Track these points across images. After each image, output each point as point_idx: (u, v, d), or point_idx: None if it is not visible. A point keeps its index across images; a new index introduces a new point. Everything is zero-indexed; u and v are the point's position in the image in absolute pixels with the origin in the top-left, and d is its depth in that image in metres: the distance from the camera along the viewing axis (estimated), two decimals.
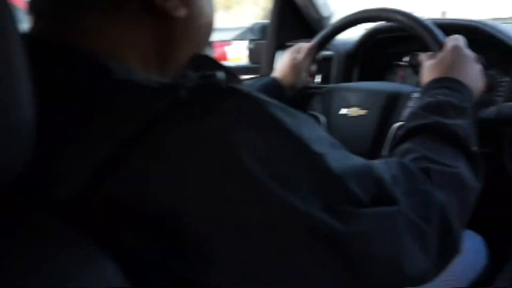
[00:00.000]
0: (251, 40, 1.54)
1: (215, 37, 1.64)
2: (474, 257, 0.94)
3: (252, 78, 1.49)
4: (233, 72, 0.50)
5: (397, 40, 1.26)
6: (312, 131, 0.45)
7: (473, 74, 0.77)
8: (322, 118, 1.02)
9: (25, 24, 0.43)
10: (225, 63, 1.69)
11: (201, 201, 0.37)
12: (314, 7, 1.35)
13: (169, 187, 0.37)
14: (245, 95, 0.41)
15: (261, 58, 1.47)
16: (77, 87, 0.41)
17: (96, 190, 0.36)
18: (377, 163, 0.52)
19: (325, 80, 1.31)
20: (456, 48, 0.79)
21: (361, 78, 1.30)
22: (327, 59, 1.31)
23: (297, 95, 1.05)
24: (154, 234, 0.37)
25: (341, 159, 0.45)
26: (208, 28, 0.54)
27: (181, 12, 0.48)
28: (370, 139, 0.93)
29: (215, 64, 0.49)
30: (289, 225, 0.39)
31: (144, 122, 0.37)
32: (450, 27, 0.95)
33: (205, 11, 0.52)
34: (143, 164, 0.37)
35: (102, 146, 0.37)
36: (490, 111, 0.89)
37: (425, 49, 0.88)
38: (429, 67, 0.80)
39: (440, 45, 0.83)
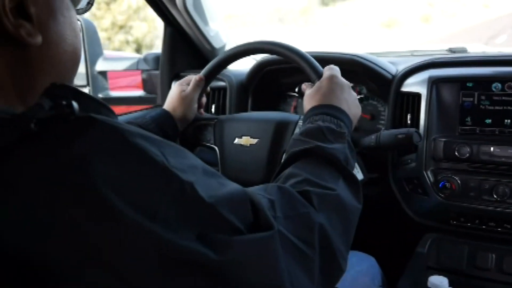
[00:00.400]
0: (144, 71, 1.50)
1: (107, 67, 1.58)
2: (369, 279, 0.97)
3: (146, 108, 1.45)
4: (101, 101, 0.48)
5: (288, 71, 1.31)
6: (182, 159, 0.43)
7: (350, 100, 0.81)
8: (216, 149, 1.00)
9: None
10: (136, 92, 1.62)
11: (60, 240, 0.34)
12: (205, 38, 1.35)
13: (24, 225, 0.34)
14: (104, 124, 0.39)
15: (156, 88, 1.43)
16: None
17: None
18: (254, 189, 0.53)
19: (220, 110, 1.31)
20: (332, 76, 0.83)
21: (255, 108, 1.32)
22: (221, 89, 1.31)
23: (189, 127, 1.03)
24: (13, 276, 0.34)
25: (214, 187, 0.44)
26: (72, 55, 0.51)
27: (37, 40, 0.44)
28: (264, 167, 0.94)
29: (77, 93, 0.46)
30: (160, 257, 0.37)
31: None
32: (330, 60, 0.99)
33: (66, 38, 0.49)
34: None
35: None
36: (371, 139, 0.94)
37: (310, 80, 0.92)
38: (309, 95, 0.83)
39: (318, 75, 0.87)
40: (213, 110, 1.31)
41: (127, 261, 0.36)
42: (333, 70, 0.85)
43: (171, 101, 1.01)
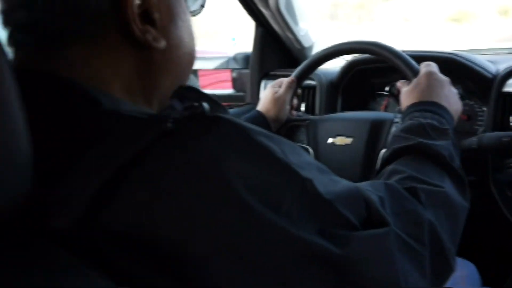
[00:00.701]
0: (234, 69, 1.55)
1: (198, 66, 1.65)
2: (469, 286, 0.93)
3: (237, 106, 1.49)
4: (219, 102, 0.51)
5: (378, 71, 1.29)
6: (299, 157, 0.45)
7: (450, 96, 0.79)
8: (310, 149, 1.02)
9: None
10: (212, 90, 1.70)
11: (196, 229, 0.37)
12: (295, 38, 1.37)
13: (163, 215, 0.36)
14: (232, 123, 0.42)
15: (245, 86, 1.48)
16: (66, 118, 0.41)
17: (93, 219, 0.35)
18: (364, 186, 0.53)
19: (309, 109, 1.32)
20: (430, 73, 0.81)
21: (345, 107, 1.32)
22: (311, 88, 1.32)
23: (282, 128, 1.06)
24: (153, 261, 0.36)
25: (329, 183, 0.45)
26: (189, 57, 0.54)
27: (161, 44, 0.48)
28: (360, 166, 0.94)
29: (200, 95, 0.49)
30: (286, 250, 0.38)
31: (134, 153, 0.37)
32: (425, 58, 0.98)
33: (184, 41, 0.52)
34: (136, 193, 0.37)
35: (96, 177, 0.36)
36: (472, 141, 0.91)
37: (404, 79, 0.91)
38: (406, 93, 0.82)
39: (414, 72, 0.86)
40: (302, 108, 1.33)
41: (257, 253, 0.37)
42: (431, 66, 0.84)
43: (264, 103, 1.05)
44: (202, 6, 0.66)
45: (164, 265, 0.36)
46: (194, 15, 0.65)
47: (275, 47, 1.44)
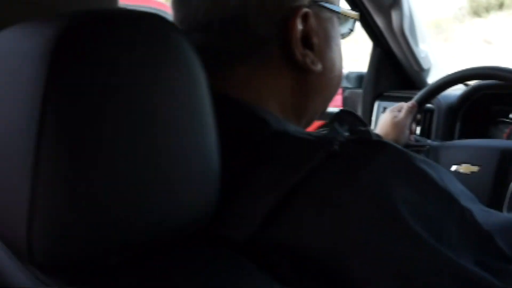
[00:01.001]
0: (346, 88, 1.56)
1: None
2: None
3: None
4: (367, 124, 0.52)
5: (501, 97, 1.24)
6: (455, 185, 0.45)
7: None
8: None
9: None
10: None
11: (361, 249, 0.38)
12: (415, 60, 1.36)
13: (330, 234, 0.38)
14: (396, 149, 0.43)
15: (357, 106, 1.48)
16: (239, 137, 0.44)
17: (265, 232, 0.38)
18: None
19: (425, 133, 1.30)
20: None
21: (463, 133, 1.28)
22: (428, 111, 1.30)
23: None
24: (319, 276, 0.38)
25: (482, 214, 0.44)
26: (338, 80, 0.55)
27: (318, 67, 0.49)
28: (488, 195, 0.92)
29: (357, 119, 0.50)
30: (449, 278, 0.38)
31: (305, 172, 0.39)
32: None
33: (336, 64, 0.54)
34: (305, 211, 0.39)
35: (270, 194, 0.39)
36: None
37: None
38: None
39: None
40: (417, 132, 1.31)
41: (421, 280, 0.38)
42: None
43: (383, 127, 1.04)
44: (351, 30, 0.69)
45: (329, 281, 0.38)
46: (343, 38, 0.68)
47: (391, 68, 1.43)
